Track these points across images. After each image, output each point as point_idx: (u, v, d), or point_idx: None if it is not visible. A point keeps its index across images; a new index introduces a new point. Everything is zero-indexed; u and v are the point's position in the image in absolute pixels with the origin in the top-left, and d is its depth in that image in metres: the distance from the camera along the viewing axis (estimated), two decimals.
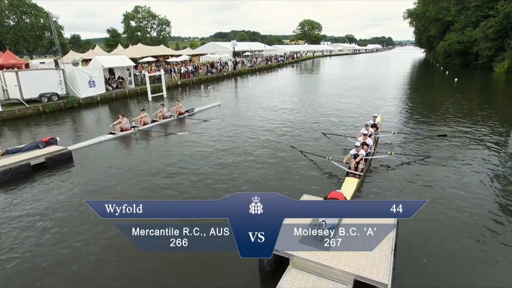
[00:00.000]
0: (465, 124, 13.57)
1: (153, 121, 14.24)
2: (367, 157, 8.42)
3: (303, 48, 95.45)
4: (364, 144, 8.74)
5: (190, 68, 30.85)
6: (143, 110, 14.32)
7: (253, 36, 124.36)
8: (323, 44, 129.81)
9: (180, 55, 46.96)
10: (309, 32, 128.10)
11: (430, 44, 67.42)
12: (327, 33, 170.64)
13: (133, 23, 73.78)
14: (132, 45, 49.36)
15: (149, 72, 26.55)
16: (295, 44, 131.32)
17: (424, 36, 68.17)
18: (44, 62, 33.22)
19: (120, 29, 75.12)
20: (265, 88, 26.92)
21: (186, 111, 15.78)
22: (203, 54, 53.51)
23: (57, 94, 18.62)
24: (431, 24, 59.01)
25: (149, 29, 75.21)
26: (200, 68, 33.32)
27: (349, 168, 8.08)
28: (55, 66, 18.67)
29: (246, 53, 59.29)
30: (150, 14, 73.94)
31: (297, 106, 18.67)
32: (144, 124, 13.68)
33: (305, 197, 6.23)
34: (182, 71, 29.67)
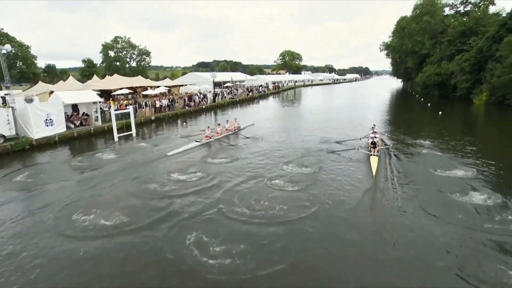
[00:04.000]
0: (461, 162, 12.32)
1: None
2: (380, 147, 14.01)
3: (285, 78, 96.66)
4: (375, 133, 15.04)
5: (165, 102, 29.03)
6: (219, 124, 19.25)
7: (234, 66, 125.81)
8: (304, 73, 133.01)
9: (157, 87, 45.58)
10: (290, 62, 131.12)
11: (408, 75, 69.48)
12: (307, 63, 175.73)
13: (112, 53, 72.55)
14: (110, 75, 47.59)
15: (119, 107, 24.64)
16: (277, 73, 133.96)
17: (402, 67, 70.40)
18: (9, 94, 30.54)
19: (99, 59, 73.81)
20: (251, 120, 25.33)
21: (238, 127, 20.37)
22: (182, 85, 52.35)
23: (3, 136, 16.19)
24: (407, 56, 60.96)
25: (128, 59, 74.15)
26: (177, 101, 31.58)
27: (371, 152, 13.19)
28: (2, 103, 16.38)
29: (227, 84, 58.73)
30: (130, 45, 73.18)
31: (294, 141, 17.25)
32: (217, 134, 18.16)
33: None
34: (156, 105, 27.78)
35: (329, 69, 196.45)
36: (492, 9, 49.16)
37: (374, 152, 13.10)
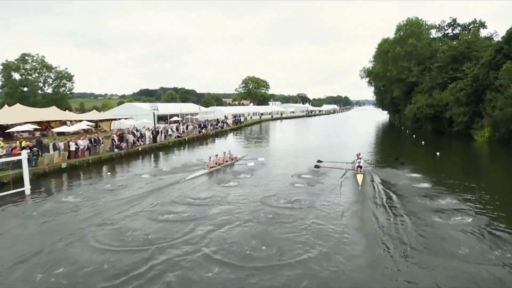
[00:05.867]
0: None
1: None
2: (363, 167, 20.12)
3: (248, 109, 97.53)
4: (360, 159, 20.65)
5: (83, 142, 26.46)
6: (217, 155, 23.63)
7: (185, 95, 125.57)
8: (272, 104, 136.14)
9: (79, 121, 42.77)
10: (255, 90, 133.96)
11: (395, 106, 72.91)
12: (275, 91, 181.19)
13: (17, 76, 68.95)
14: (10, 105, 44.01)
15: (11, 151, 21.66)
16: (239, 104, 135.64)
17: (387, 97, 74.05)
18: None
19: None
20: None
21: (235, 157, 25.70)
22: (115, 119, 49.85)
23: None
24: (393, 85, 64.31)
25: (41, 84, 70.89)
26: (102, 142, 29.10)
27: (357, 171, 19.57)
28: None
29: (175, 118, 57.19)
30: (43, 65, 70.40)
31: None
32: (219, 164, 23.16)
33: None
34: (71, 147, 25.11)
35: (302, 99, 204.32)
36: (483, 33, 54.34)
37: (359, 171, 19.43)
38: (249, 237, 11.10)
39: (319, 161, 23.42)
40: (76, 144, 25.65)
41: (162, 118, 58.86)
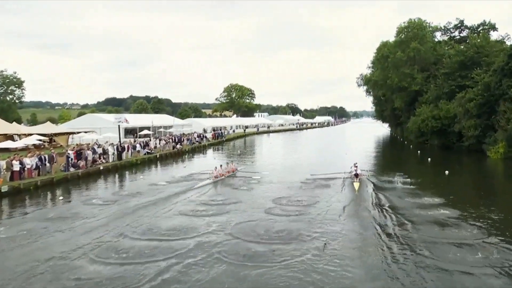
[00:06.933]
0: None
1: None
2: (360, 176, 24.34)
3: (231, 122, 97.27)
4: (356, 168, 25.08)
5: (31, 161, 25.26)
6: (221, 165, 28.12)
7: (159, 105, 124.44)
8: (259, 116, 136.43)
9: (28, 135, 41.52)
10: (238, 100, 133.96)
11: (397, 119, 73.32)
12: (262, 101, 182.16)
13: None
14: None
15: None
16: (221, 116, 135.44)
17: (388, 108, 74.42)
18: None
19: None
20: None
21: (235, 168, 29.85)
22: (73, 133, 48.82)
23: None
24: (394, 94, 64.62)
25: None
26: (56, 160, 27.89)
27: (354, 179, 23.66)
28: None
29: (145, 131, 56.46)
30: None
31: None
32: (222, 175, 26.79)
33: None
34: (14, 167, 23.84)
35: (292, 110, 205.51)
36: (494, 36, 55.45)
37: (356, 180, 23.16)
38: (225, 279, 10.16)
39: (312, 175, 27.25)
40: (21, 162, 24.46)
41: (130, 132, 58.04)
